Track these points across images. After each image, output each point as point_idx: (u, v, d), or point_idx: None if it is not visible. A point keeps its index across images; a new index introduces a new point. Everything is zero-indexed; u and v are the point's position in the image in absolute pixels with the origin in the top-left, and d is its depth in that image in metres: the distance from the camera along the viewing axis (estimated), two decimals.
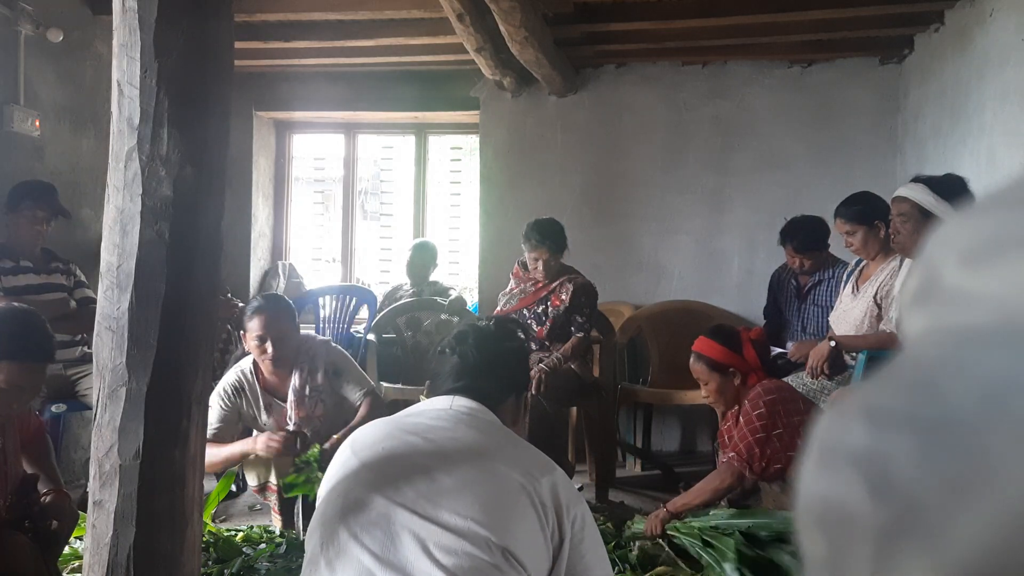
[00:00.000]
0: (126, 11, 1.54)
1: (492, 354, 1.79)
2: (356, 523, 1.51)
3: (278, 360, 3.20)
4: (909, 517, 0.27)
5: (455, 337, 1.82)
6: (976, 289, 0.30)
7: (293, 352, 3.25)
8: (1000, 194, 0.33)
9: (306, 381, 3.25)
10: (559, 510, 1.56)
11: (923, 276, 0.33)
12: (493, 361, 1.78)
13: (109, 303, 1.57)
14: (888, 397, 0.31)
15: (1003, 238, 0.30)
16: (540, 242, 3.84)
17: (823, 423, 0.33)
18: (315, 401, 3.26)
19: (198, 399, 1.64)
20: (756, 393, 2.82)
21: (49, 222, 3.76)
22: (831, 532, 0.30)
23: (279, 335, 3.16)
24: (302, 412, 3.24)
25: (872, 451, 0.29)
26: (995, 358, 0.28)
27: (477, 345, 1.79)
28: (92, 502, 1.59)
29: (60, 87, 4.28)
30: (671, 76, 5.08)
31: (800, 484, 0.33)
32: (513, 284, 4.06)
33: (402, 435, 1.65)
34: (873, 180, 4.21)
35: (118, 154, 1.57)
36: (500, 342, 1.83)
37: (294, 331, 3.26)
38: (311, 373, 3.27)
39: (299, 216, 6.19)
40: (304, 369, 3.26)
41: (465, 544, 1.46)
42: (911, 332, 0.33)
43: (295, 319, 3.31)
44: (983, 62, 3.65)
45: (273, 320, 3.16)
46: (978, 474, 0.26)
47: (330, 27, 4.55)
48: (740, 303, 4.88)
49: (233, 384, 3.29)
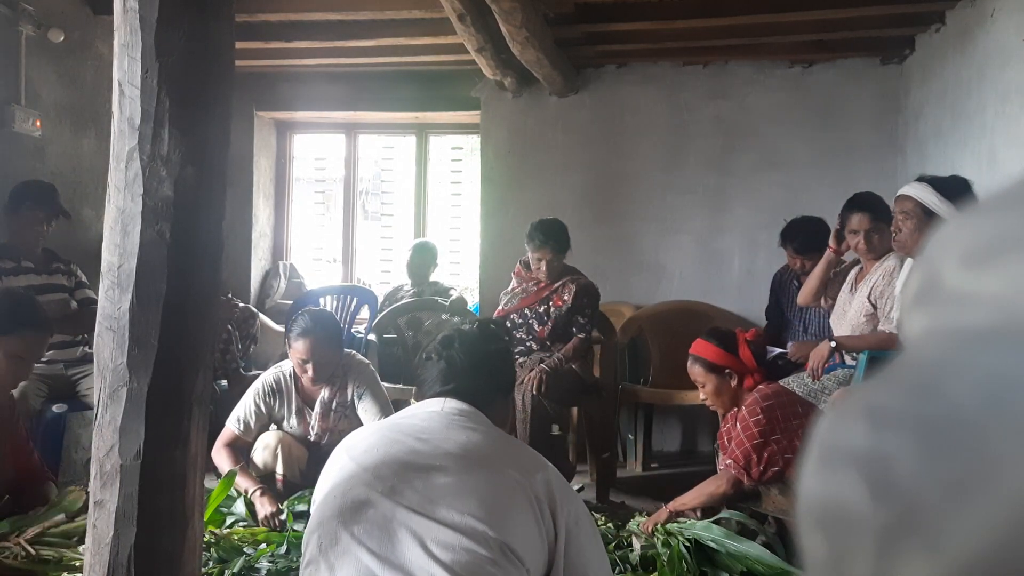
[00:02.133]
0: (127, 11, 1.54)
1: (478, 357, 1.82)
2: (355, 523, 1.52)
3: (317, 379, 3.28)
4: (910, 517, 0.28)
5: (440, 342, 1.85)
6: (977, 290, 0.30)
7: (333, 369, 3.32)
8: (1001, 195, 0.33)
9: (335, 395, 3.33)
10: (553, 505, 1.58)
11: (924, 277, 0.33)
12: (479, 364, 1.81)
13: (110, 303, 1.57)
14: (889, 397, 0.31)
15: (1004, 239, 0.30)
16: (544, 242, 3.84)
17: (824, 424, 0.33)
18: (339, 416, 3.33)
19: (199, 399, 1.64)
20: (754, 399, 2.82)
21: (50, 222, 3.77)
22: (832, 533, 0.30)
23: (322, 360, 3.23)
24: (325, 424, 3.32)
25: (873, 451, 0.29)
26: (996, 358, 0.28)
27: (463, 349, 1.81)
28: (93, 502, 1.59)
29: (61, 87, 4.28)
30: (672, 76, 5.08)
31: (801, 485, 0.33)
32: (515, 283, 4.06)
33: (397, 436, 1.67)
34: (874, 180, 4.21)
35: (119, 154, 1.57)
36: (485, 344, 1.86)
37: (337, 355, 3.32)
38: (342, 388, 3.34)
39: (300, 216, 6.20)
40: (337, 383, 3.33)
41: (463, 540, 1.48)
42: (912, 333, 0.33)
43: (340, 342, 3.36)
44: (984, 62, 3.65)
45: (318, 346, 3.22)
46: (979, 474, 0.26)
47: (331, 27, 4.55)
48: (741, 303, 4.88)
49: (271, 384, 3.35)
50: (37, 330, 2.35)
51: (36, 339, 2.36)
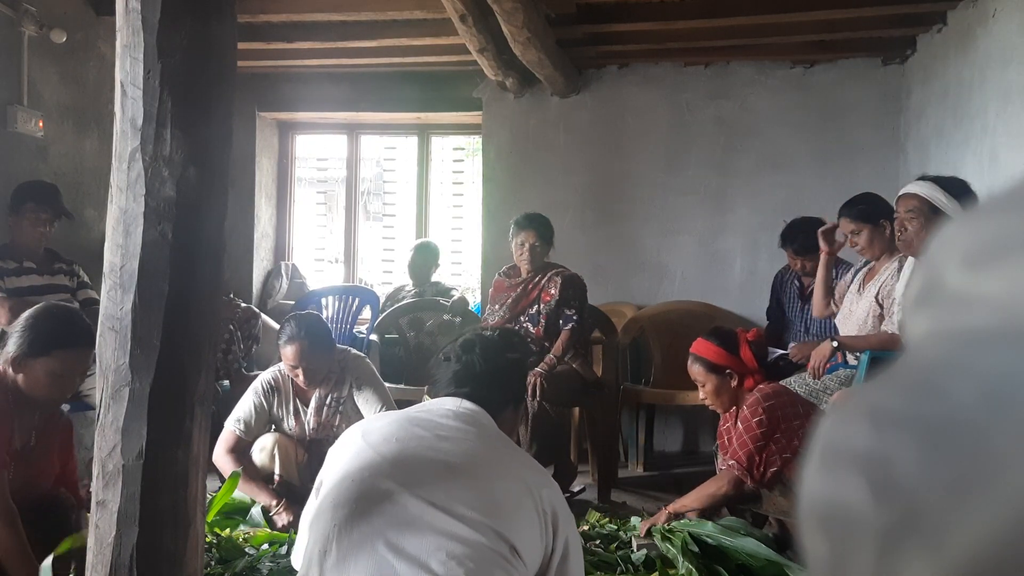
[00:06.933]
0: (129, 12, 1.55)
1: (497, 364, 1.82)
2: (374, 512, 1.54)
3: (309, 383, 3.32)
4: (912, 518, 0.28)
5: (461, 346, 1.85)
6: (979, 291, 0.30)
7: (326, 371, 3.34)
8: (1003, 195, 0.33)
9: (331, 391, 3.36)
10: (556, 522, 1.63)
11: (926, 278, 0.33)
12: (497, 371, 1.82)
13: (112, 303, 1.57)
14: (891, 398, 0.31)
15: (1006, 240, 0.30)
16: (527, 224, 3.88)
17: (825, 424, 0.33)
18: (334, 411, 3.35)
19: (201, 399, 1.64)
20: (755, 399, 2.82)
21: (52, 223, 3.77)
22: (833, 533, 0.31)
23: (311, 365, 3.27)
24: (319, 419, 3.35)
25: (874, 452, 0.29)
26: (998, 359, 0.28)
27: (484, 354, 1.82)
28: (95, 502, 1.59)
29: (64, 88, 4.29)
30: (673, 77, 5.08)
31: (802, 485, 0.33)
32: (496, 303, 3.99)
33: (416, 431, 1.68)
34: (876, 181, 4.20)
35: (121, 155, 1.57)
36: (504, 352, 1.87)
37: (327, 358, 3.34)
38: (338, 385, 3.37)
39: (302, 217, 6.20)
40: (332, 380, 3.36)
41: (478, 535, 1.50)
42: (914, 334, 0.33)
43: (329, 345, 3.38)
44: (986, 62, 3.65)
45: (306, 352, 3.25)
46: (981, 475, 0.26)
47: (333, 28, 4.55)
48: (742, 304, 4.88)
49: (269, 382, 3.39)
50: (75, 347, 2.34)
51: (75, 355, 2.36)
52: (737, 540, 2.62)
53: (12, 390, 2.36)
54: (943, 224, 0.34)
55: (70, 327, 2.37)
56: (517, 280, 3.97)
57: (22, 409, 2.40)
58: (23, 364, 2.34)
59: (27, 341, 2.34)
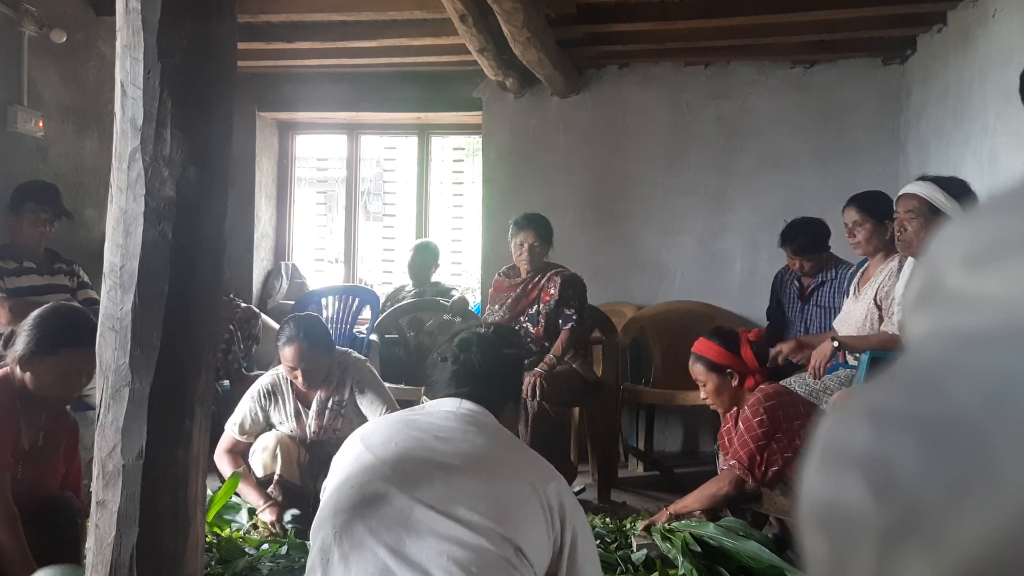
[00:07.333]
0: (129, 12, 1.55)
1: (494, 361, 1.82)
2: (372, 517, 1.53)
3: (309, 385, 3.31)
4: (912, 518, 0.28)
5: (458, 345, 1.84)
6: (979, 291, 0.30)
7: (325, 372, 3.34)
8: (1003, 196, 0.33)
9: (332, 395, 3.35)
10: (563, 516, 1.61)
11: (926, 278, 0.33)
12: (495, 368, 1.81)
13: (112, 304, 1.57)
14: (891, 398, 0.31)
15: (1006, 240, 0.30)
16: (526, 224, 3.88)
17: (826, 424, 0.33)
18: (335, 414, 3.35)
19: (201, 399, 1.64)
20: (756, 399, 2.82)
21: (52, 223, 3.77)
22: (833, 533, 0.31)
23: (310, 366, 3.26)
24: (321, 423, 3.35)
25: (875, 452, 0.29)
26: (998, 359, 0.28)
27: (481, 353, 1.81)
28: (95, 502, 1.59)
29: (64, 88, 4.29)
30: (673, 77, 5.08)
31: (803, 485, 0.33)
32: (496, 303, 4.01)
33: (415, 433, 1.68)
34: (876, 181, 4.20)
35: (121, 155, 1.57)
36: (502, 349, 1.87)
37: (326, 359, 3.34)
38: (338, 388, 3.37)
39: (302, 217, 6.20)
40: (333, 383, 3.36)
41: (480, 539, 1.49)
42: (914, 334, 0.33)
43: (328, 346, 3.37)
44: (986, 62, 3.65)
45: (305, 353, 3.24)
46: (981, 475, 0.26)
47: (333, 28, 4.55)
48: (742, 304, 4.88)
49: (267, 387, 3.39)
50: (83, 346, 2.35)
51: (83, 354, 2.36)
52: (739, 542, 2.61)
53: (20, 390, 2.36)
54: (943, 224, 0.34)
55: (78, 326, 2.37)
56: (517, 280, 3.97)
57: (30, 409, 2.41)
58: (31, 363, 2.35)
59: (35, 339, 2.35)
